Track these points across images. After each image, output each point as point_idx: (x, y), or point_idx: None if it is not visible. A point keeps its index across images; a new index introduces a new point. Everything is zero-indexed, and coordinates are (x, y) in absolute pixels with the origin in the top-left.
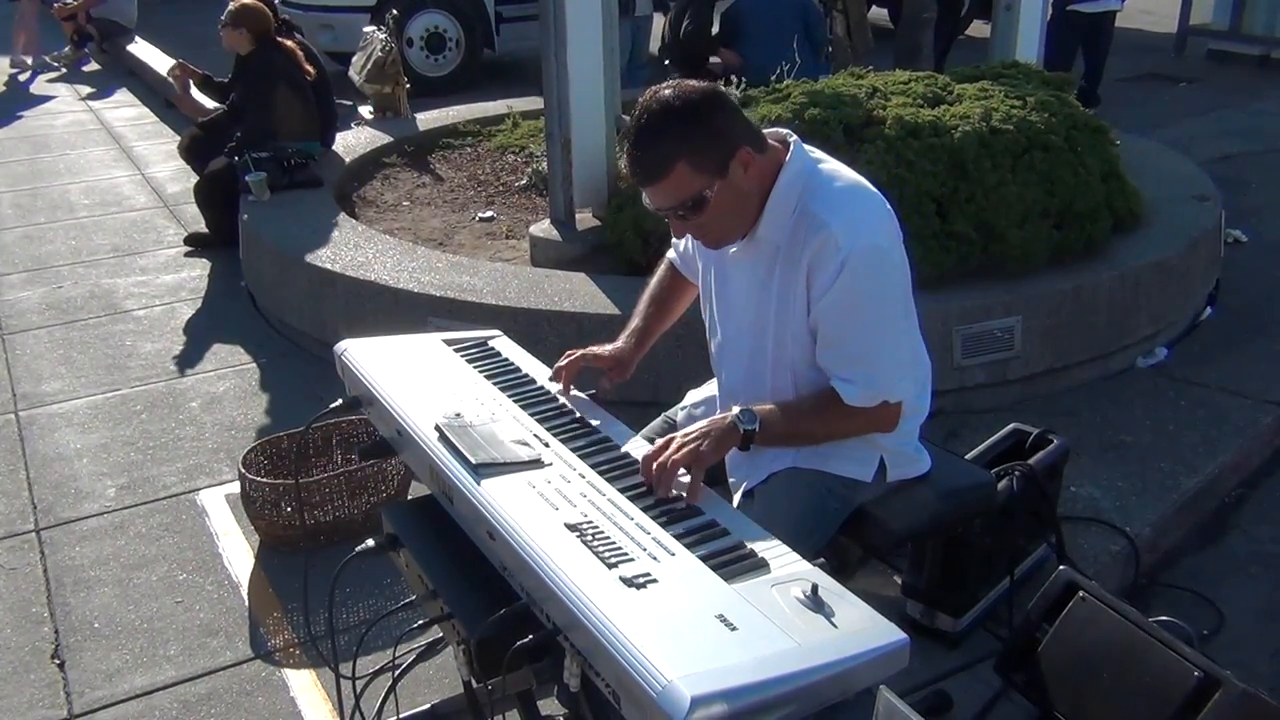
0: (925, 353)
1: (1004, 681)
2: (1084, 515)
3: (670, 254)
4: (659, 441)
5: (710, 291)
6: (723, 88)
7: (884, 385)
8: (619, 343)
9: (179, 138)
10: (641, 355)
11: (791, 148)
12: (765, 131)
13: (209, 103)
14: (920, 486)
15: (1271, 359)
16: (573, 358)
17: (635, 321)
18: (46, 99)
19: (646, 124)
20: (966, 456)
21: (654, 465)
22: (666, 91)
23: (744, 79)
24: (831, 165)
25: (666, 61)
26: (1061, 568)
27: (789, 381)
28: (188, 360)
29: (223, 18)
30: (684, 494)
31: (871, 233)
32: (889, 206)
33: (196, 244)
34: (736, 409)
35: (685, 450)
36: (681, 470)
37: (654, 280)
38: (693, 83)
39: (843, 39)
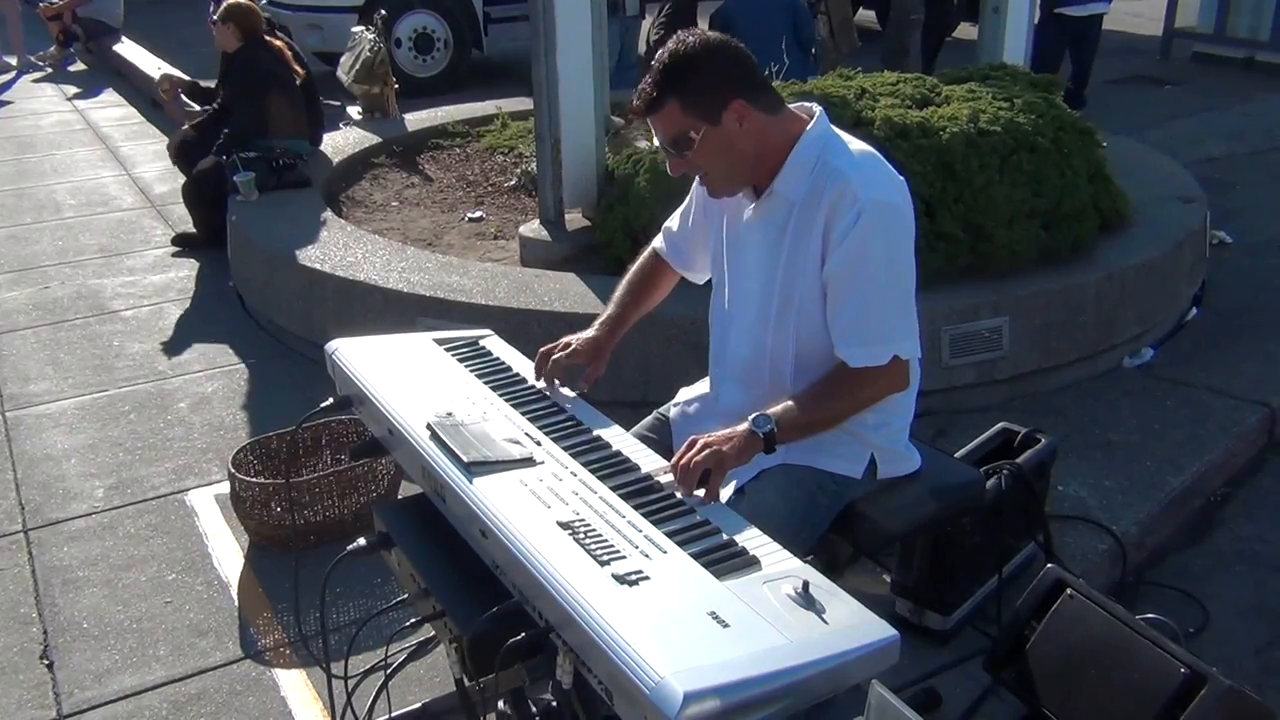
0: None
1: (992, 679)
2: (1071, 514)
3: (657, 243)
4: (685, 444)
5: (722, 262)
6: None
7: (892, 339)
8: (592, 331)
9: (168, 139)
10: (615, 342)
11: (816, 114)
12: (794, 105)
13: (198, 108)
14: (910, 484)
15: (1257, 359)
16: (551, 359)
17: (610, 309)
18: (32, 99)
19: (660, 60)
20: (955, 455)
21: (677, 467)
22: (688, 36)
23: None
24: (848, 135)
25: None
26: (1049, 566)
27: (790, 344)
28: (176, 361)
29: (215, 15)
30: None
31: (887, 190)
32: (901, 177)
33: (184, 244)
34: (751, 416)
35: (708, 453)
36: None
37: (633, 268)
38: (711, 33)
39: (826, 40)
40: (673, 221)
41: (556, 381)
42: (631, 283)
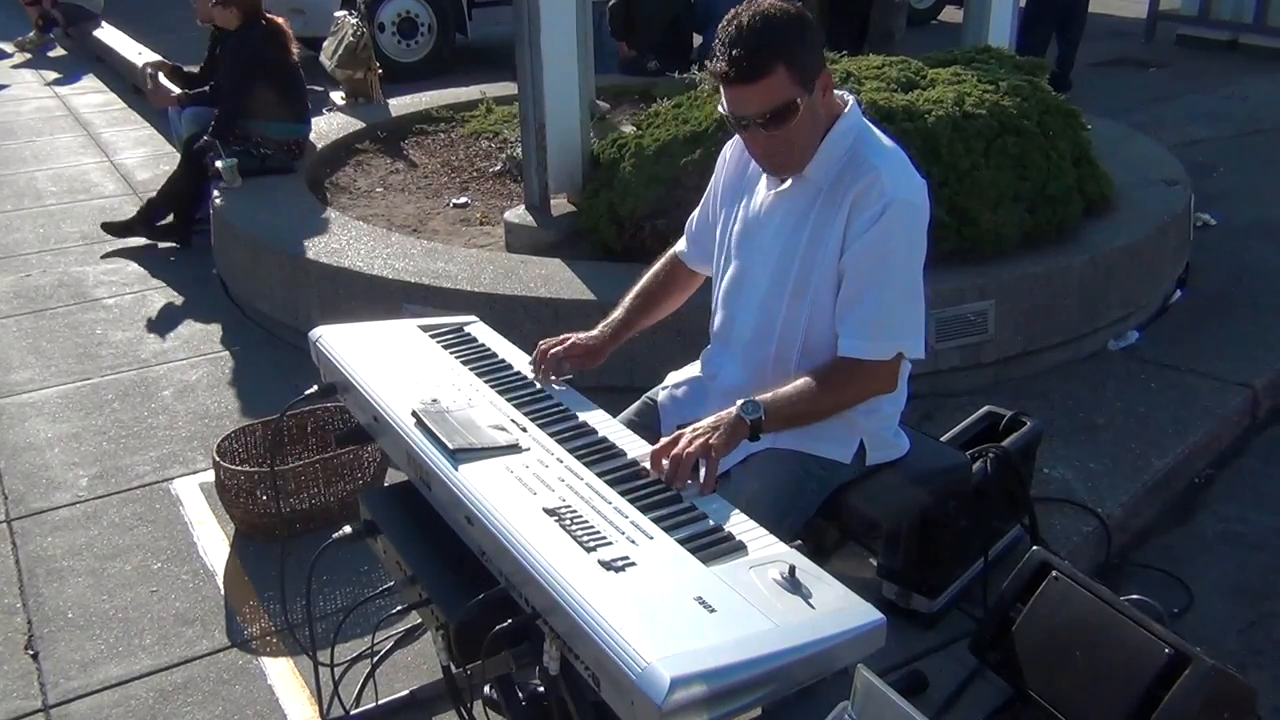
0: None
1: (978, 661)
2: (1056, 496)
3: (678, 246)
4: (668, 437)
5: (730, 242)
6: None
7: (899, 335)
8: (595, 331)
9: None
10: (616, 346)
11: (850, 102)
12: None
13: (178, 91)
14: (896, 469)
15: (1240, 341)
16: (550, 351)
17: (617, 313)
18: (11, 85)
19: (751, 25)
20: (941, 439)
21: (666, 460)
22: (767, 4)
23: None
24: (878, 130)
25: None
26: (1034, 548)
27: (800, 327)
28: (159, 348)
29: None
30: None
31: (913, 190)
32: (924, 180)
33: (114, 233)
34: (740, 402)
35: (697, 443)
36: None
37: (648, 274)
38: (785, 2)
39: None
40: (693, 220)
41: (553, 376)
42: (643, 288)
